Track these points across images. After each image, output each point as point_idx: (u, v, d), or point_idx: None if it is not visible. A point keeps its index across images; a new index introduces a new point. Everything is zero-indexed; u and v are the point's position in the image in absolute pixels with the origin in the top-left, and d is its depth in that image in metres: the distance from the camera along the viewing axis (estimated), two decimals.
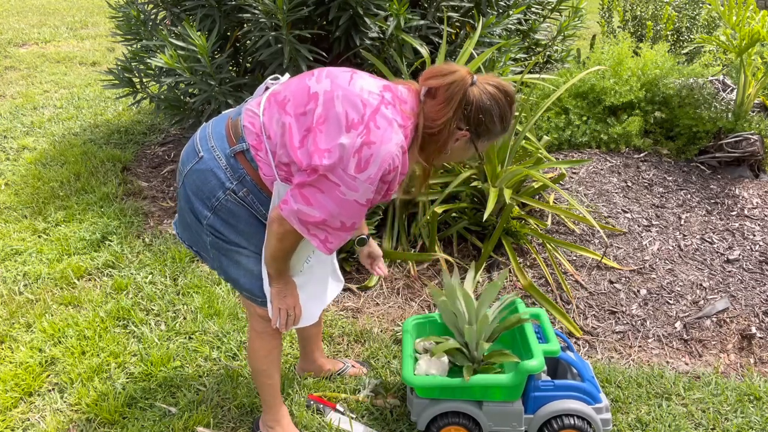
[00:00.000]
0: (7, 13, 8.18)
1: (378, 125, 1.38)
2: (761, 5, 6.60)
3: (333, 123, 1.39)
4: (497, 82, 1.45)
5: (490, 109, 1.43)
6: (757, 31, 3.04)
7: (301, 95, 1.44)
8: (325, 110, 1.40)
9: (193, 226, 1.60)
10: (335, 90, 1.42)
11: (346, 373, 2.14)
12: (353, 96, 1.41)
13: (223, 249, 1.58)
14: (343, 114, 1.38)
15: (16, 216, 3.17)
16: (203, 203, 1.53)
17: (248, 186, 1.51)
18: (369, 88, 1.43)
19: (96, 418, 1.97)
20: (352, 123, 1.38)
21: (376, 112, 1.39)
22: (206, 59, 2.81)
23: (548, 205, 2.85)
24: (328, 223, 1.43)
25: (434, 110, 1.43)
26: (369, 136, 1.37)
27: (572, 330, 2.40)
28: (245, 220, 1.54)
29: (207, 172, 1.51)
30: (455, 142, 1.48)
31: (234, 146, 1.50)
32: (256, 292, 1.62)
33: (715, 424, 2.00)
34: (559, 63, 3.91)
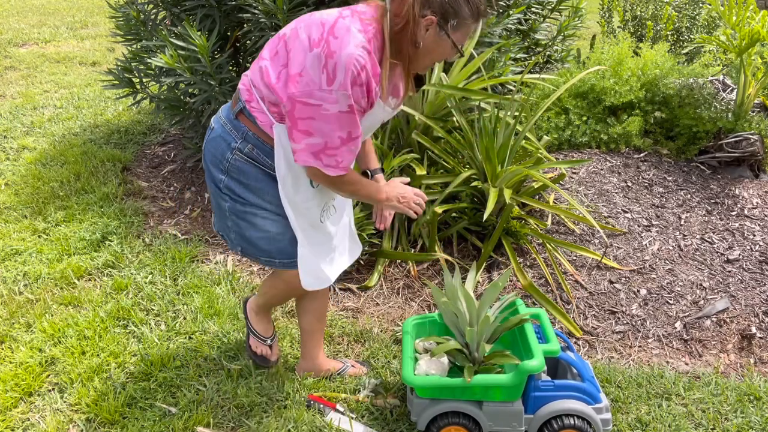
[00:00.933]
0: (7, 13, 8.18)
1: (336, 35, 1.44)
2: (761, 5, 6.60)
3: (299, 49, 1.47)
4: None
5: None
6: (757, 31, 3.04)
7: (272, 42, 1.57)
8: (292, 41, 1.50)
9: (216, 197, 1.71)
10: (298, 24, 1.53)
11: (345, 373, 2.15)
12: (313, 21, 1.50)
13: (240, 212, 1.68)
14: (306, 38, 1.47)
15: (16, 216, 3.17)
16: (218, 168, 1.66)
17: (251, 141, 1.62)
18: (327, 12, 1.52)
19: (96, 418, 1.98)
20: (313, 42, 1.45)
21: (333, 25, 1.46)
22: (206, 59, 2.81)
23: (548, 205, 2.85)
24: (329, 145, 1.50)
25: (396, 5, 1.46)
26: (329, 47, 1.43)
27: (572, 330, 2.40)
28: (254, 176, 1.65)
29: (217, 138, 1.66)
30: (425, 32, 1.48)
31: (234, 108, 1.64)
32: (275, 254, 1.73)
33: (715, 424, 2.00)
34: (559, 63, 3.91)
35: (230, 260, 2.82)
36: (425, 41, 1.50)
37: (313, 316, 2.02)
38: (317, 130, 1.48)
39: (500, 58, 3.11)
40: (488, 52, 2.89)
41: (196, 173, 3.59)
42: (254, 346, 2.09)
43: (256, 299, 2.05)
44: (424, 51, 1.52)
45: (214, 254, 2.87)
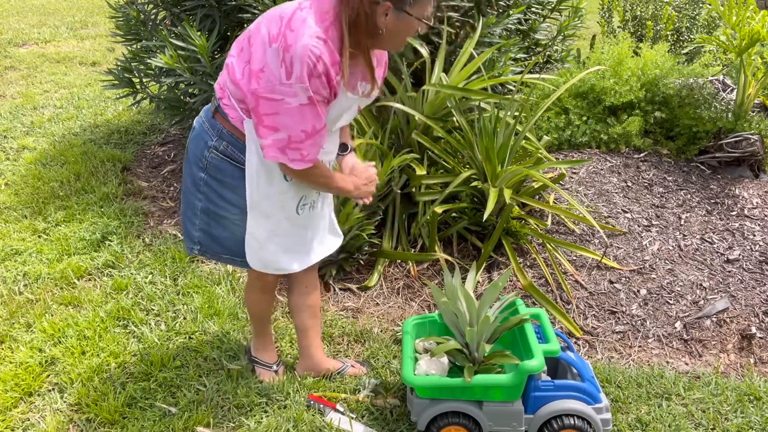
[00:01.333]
0: (7, 13, 8.18)
1: (292, 28, 1.44)
2: (761, 5, 6.60)
3: (259, 45, 1.49)
4: None
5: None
6: (757, 31, 3.04)
7: (239, 39, 1.59)
8: (255, 37, 1.52)
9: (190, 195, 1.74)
10: (261, 19, 1.54)
11: (345, 373, 2.15)
12: (273, 16, 1.50)
13: (213, 212, 1.73)
14: (266, 34, 1.48)
15: (16, 216, 3.17)
16: (197, 166, 1.70)
17: (226, 138, 1.64)
18: (285, 5, 1.52)
19: (96, 418, 1.98)
20: (272, 37, 1.46)
21: (290, 19, 1.46)
22: (206, 59, 2.81)
23: (548, 205, 2.85)
24: (293, 139, 1.51)
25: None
26: (286, 41, 1.43)
27: (572, 330, 2.40)
28: (230, 174, 1.67)
29: (197, 138, 1.70)
30: (385, 17, 1.48)
31: (211, 107, 1.69)
32: (237, 254, 1.78)
33: (715, 424, 2.00)
34: (559, 63, 3.91)
35: None
36: (387, 27, 1.50)
37: (306, 313, 2.02)
38: (282, 124, 1.50)
39: (500, 58, 3.12)
40: (488, 52, 2.89)
41: None
42: (261, 375, 2.12)
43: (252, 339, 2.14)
44: (388, 35, 1.52)
45: None
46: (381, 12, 1.46)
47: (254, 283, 1.95)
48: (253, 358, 2.15)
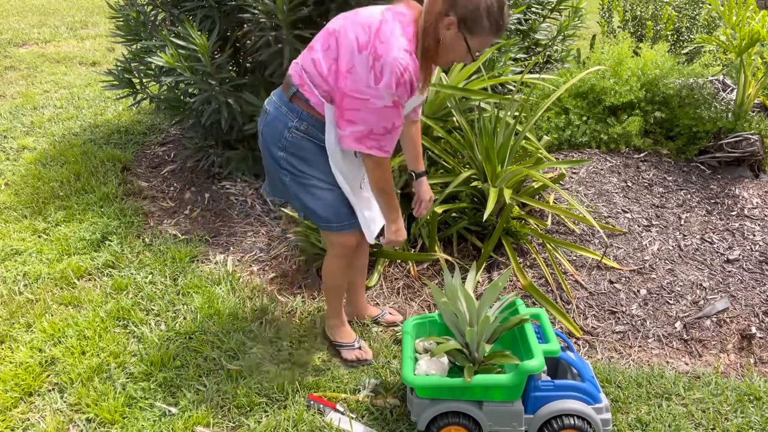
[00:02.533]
0: (7, 13, 8.18)
1: (381, 39, 1.64)
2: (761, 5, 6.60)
3: (348, 49, 1.69)
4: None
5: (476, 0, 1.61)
6: (757, 31, 3.04)
7: (324, 36, 1.77)
8: (342, 38, 1.70)
9: (276, 173, 1.92)
10: (345, 22, 1.73)
11: (383, 319, 2.41)
12: (359, 21, 1.70)
13: (301, 183, 1.90)
14: (354, 39, 1.68)
15: (16, 216, 3.17)
16: (276, 146, 1.87)
17: (306, 119, 1.83)
18: (371, 11, 1.71)
19: (96, 418, 1.98)
20: (361, 45, 1.66)
21: (379, 29, 1.66)
22: (206, 59, 2.81)
23: (548, 205, 2.85)
24: (375, 132, 1.73)
25: (429, 4, 1.65)
26: (376, 51, 1.64)
27: (572, 330, 2.40)
28: (310, 150, 1.86)
29: (274, 120, 1.87)
30: (447, 30, 1.65)
31: (287, 92, 1.85)
32: (332, 220, 1.94)
33: (715, 424, 2.00)
34: (559, 63, 3.91)
35: (230, 260, 2.82)
36: (445, 38, 1.67)
37: (357, 271, 2.29)
38: (362, 120, 1.71)
39: (500, 58, 3.12)
40: (488, 52, 2.89)
41: (196, 173, 3.59)
42: (346, 355, 2.22)
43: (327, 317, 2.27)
44: (443, 48, 1.70)
45: (214, 254, 2.87)
46: (445, 24, 1.65)
47: (339, 253, 2.05)
48: (334, 342, 2.25)
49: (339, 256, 2.08)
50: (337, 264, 2.10)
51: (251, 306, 2.51)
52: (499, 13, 1.64)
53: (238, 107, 3.00)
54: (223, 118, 3.07)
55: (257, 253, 2.88)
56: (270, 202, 3.23)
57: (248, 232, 3.04)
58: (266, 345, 2.29)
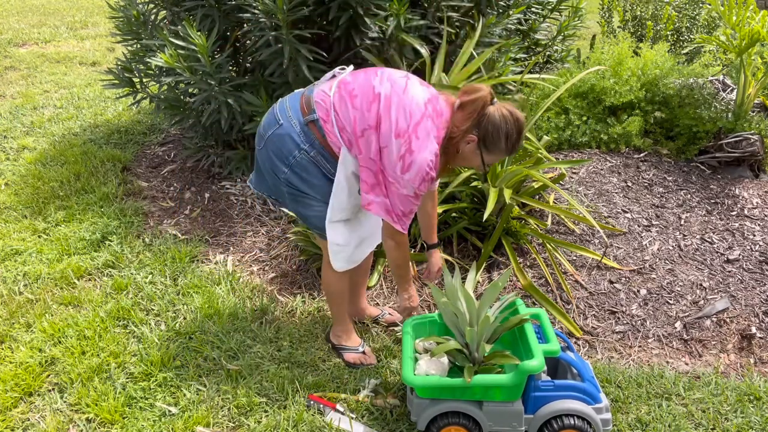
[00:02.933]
0: (7, 13, 8.18)
1: (418, 136, 1.75)
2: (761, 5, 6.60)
3: (387, 128, 1.76)
4: (512, 108, 1.79)
5: (498, 124, 1.76)
6: (757, 31, 3.04)
7: (366, 93, 1.80)
8: (384, 113, 1.76)
9: (272, 179, 1.96)
10: (393, 96, 1.77)
11: (383, 319, 2.42)
12: (405, 105, 1.76)
13: (298, 197, 1.95)
14: (395, 121, 1.75)
15: (16, 216, 3.17)
16: (282, 161, 1.89)
17: (317, 149, 1.87)
18: (417, 99, 1.78)
19: (96, 418, 1.98)
20: (399, 131, 1.75)
21: (419, 124, 1.75)
22: (206, 59, 2.81)
23: (548, 205, 2.85)
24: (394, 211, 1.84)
25: (459, 119, 1.79)
26: (411, 145, 1.74)
27: (572, 330, 2.40)
28: (315, 175, 1.90)
29: (285, 136, 1.87)
30: (466, 145, 1.80)
31: (307, 116, 1.86)
32: (321, 229, 1.98)
33: (715, 424, 2.00)
34: (559, 63, 3.91)
35: (230, 260, 2.82)
36: (464, 150, 1.83)
37: (360, 270, 2.30)
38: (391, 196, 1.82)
39: (500, 58, 3.12)
40: (488, 52, 2.89)
41: (196, 173, 3.59)
42: (349, 358, 2.23)
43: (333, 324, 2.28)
44: (460, 157, 1.86)
45: (214, 254, 2.87)
46: (467, 139, 1.79)
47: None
48: (337, 346, 2.26)
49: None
50: (331, 273, 2.10)
51: (251, 306, 2.51)
52: (516, 138, 1.79)
53: (237, 107, 3.00)
54: (223, 117, 3.07)
55: (257, 253, 2.88)
56: (270, 203, 3.23)
57: (248, 232, 3.04)
58: (266, 345, 2.29)
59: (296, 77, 2.91)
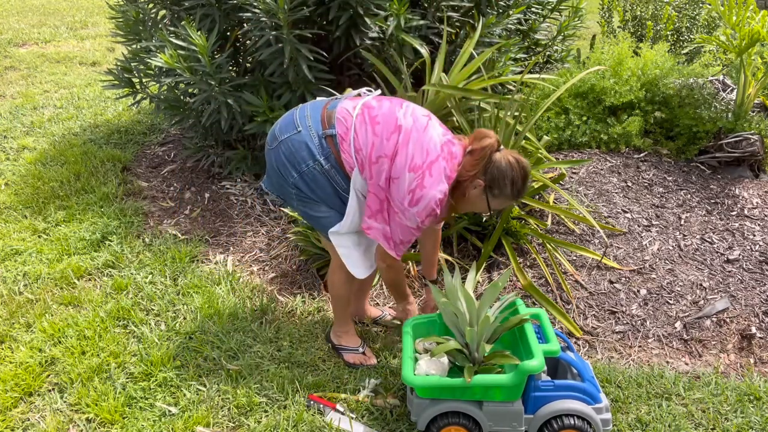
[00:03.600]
0: (7, 13, 8.18)
1: (432, 174, 1.80)
2: (761, 5, 6.60)
3: (402, 160, 1.81)
4: (518, 156, 1.86)
5: (504, 170, 1.83)
6: (757, 31, 3.04)
7: (389, 123, 1.85)
8: (402, 146, 1.82)
9: (279, 180, 1.98)
10: (413, 132, 1.83)
11: (383, 320, 2.44)
12: (423, 143, 1.82)
13: (305, 200, 1.97)
14: (411, 155, 1.81)
15: (16, 216, 3.17)
16: (293, 166, 1.91)
17: (332, 163, 1.90)
18: (435, 140, 1.84)
19: (96, 418, 1.98)
20: (414, 166, 1.80)
21: (434, 162, 1.81)
22: (206, 59, 2.81)
23: (548, 205, 2.85)
24: (393, 239, 1.90)
25: (469, 164, 1.86)
26: (423, 180, 1.80)
27: (572, 330, 2.40)
28: (323, 188, 1.93)
29: (302, 143, 1.90)
30: (473, 189, 1.87)
31: (326, 130, 1.89)
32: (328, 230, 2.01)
33: (715, 424, 2.00)
34: (559, 63, 3.91)
35: (230, 260, 2.82)
36: (470, 195, 1.89)
37: None
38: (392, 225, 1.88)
39: (500, 58, 3.12)
40: (488, 52, 2.89)
41: (196, 173, 3.59)
42: (349, 358, 2.24)
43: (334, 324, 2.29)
44: (466, 201, 1.91)
45: (214, 254, 2.87)
46: (474, 184, 1.86)
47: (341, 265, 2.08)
48: (337, 346, 2.26)
49: (341, 268, 2.09)
50: (339, 275, 2.12)
51: (251, 306, 2.51)
52: (521, 184, 1.87)
53: (237, 107, 3.00)
54: (223, 117, 3.07)
55: (257, 253, 2.88)
56: (270, 202, 3.23)
57: (248, 232, 3.04)
58: (266, 345, 2.29)
59: (296, 77, 2.91)
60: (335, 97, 2.02)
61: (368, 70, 3.21)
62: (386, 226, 1.89)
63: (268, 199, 3.25)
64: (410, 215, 1.83)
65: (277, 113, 2.95)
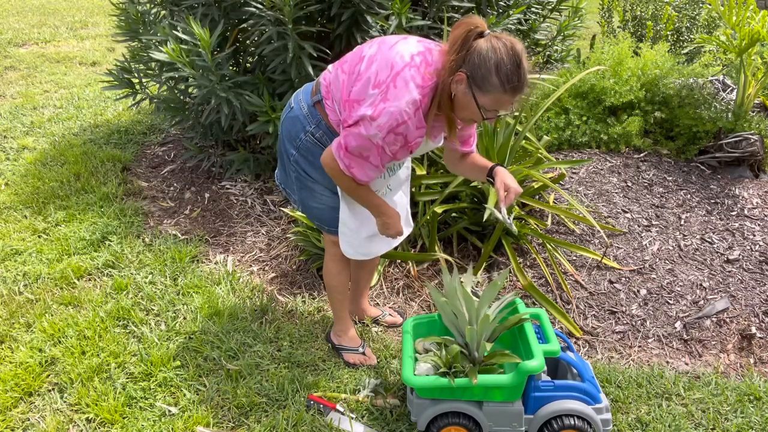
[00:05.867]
0: (7, 13, 8.18)
1: (396, 85, 1.60)
2: (761, 5, 6.60)
3: (365, 81, 1.66)
4: (508, 38, 1.55)
5: (486, 55, 1.53)
6: (757, 31, 3.04)
7: (354, 56, 1.74)
8: (365, 70, 1.67)
9: (285, 164, 1.97)
10: (377, 54, 1.67)
11: (383, 320, 2.42)
12: (388, 59, 1.64)
13: (304, 183, 1.94)
14: (375, 73, 1.64)
15: (16, 216, 3.17)
16: (291, 143, 1.91)
17: (323, 129, 1.85)
18: (403, 52, 1.64)
19: (96, 418, 1.98)
20: (378, 82, 1.63)
21: (399, 74, 1.61)
22: (208, 54, 2.80)
23: (548, 205, 2.85)
24: (350, 151, 1.69)
25: (447, 60, 1.58)
26: (387, 94, 1.61)
27: (572, 330, 2.40)
28: (319, 157, 1.84)
29: (294, 119, 1.88)
30: (458, 85, 1.58)
31: (314, 97, 1.85)
32: (326, 222, 2.01)
33: (715, 424, 2.00)
34: (559, 63, 3.91)
35: (230, 260, 2.82)
36: (457, 94, 1.61)
37: (365, 270, 2.30)
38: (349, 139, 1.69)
39: None
40: None
41: (196, 173, 3.59)
42: (349, 359, 2.23)
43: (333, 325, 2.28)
44: (457, 104, 1.64)
45: (214, 254, 2.87)
46: (456, 79, 1.58)
47: (334, 253, 2.08)
48: (337, 346, 2.26)
49: (334, 259, 2.11)
50: (332, 266, 2.14)
51: (251, 306, 2.51)
52: (512, 69, 1.53)
53: (238, 104, 3.00)
54: (223, 114, 3.06)
55: (257, 253, 2.88)
56: (270, 202, 3.23)
57: (248, 232, 3.04)
58: (266, 345, 2.29)
59: (299, 74, 2.91)
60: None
61: None
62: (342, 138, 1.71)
63: (268, 199, 3.25)
64: (371, 128, 1.61)
65: (279, 113, 2.95)
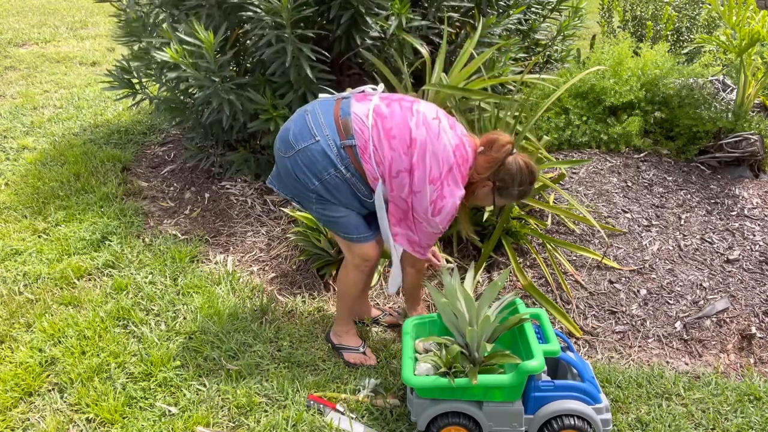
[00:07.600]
0: (7, 13, 8.18)
1: (449, 183, 1.89)
2: (761, 5, 6.60)
3: (421, 174, 1.87)
4: (528, 160, 1.94)
5: (514, 175, 1.92)
6: (757, 31, 3.04)
7: (403, 136, 1.88)
8: (419, 161, 1.87)
9: (299, 186, 1.99)
10: (428, 144, 1.87)
11: (383, 320, 2.44)
12: (438, 153, 1.87)
13: (324, 204, 2.00)
14: (429, 168, 1.87)
15: (16, 216, 3.17)
16: (314, 174, 1.93)
17: (352, 171, 1.94)
18: (448, 147, 1.88)
19: (96, 418, 1.98)
20: (433, 178, 1.87)
21: (450, 172, 1.89)
22: (210, 55, 2.80)
23: (548, 205, 2.85)
24: (423, 246, 2.02)
25: (481, 167, 1.94)
26: (443, 191, 1.89)
27: (572, 330, 2.40)
28: (345, 194, 1.96)
29: (321, 152, 1.91)
30: (482, 188, 1.98)
31: (345, 140, 1.91)
32: (352, 232, 2.04)
33: (715, 424, 2.00)
34: (559, 63, 3.91)
35: (230, 260, 2.82)
36: (479, 192, 2.00)
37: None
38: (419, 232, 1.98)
39: (500, 58, 3.11)
40: (488, 52, 2.89)
41: (196, 173, 3.59)
42: (349, 358, 2.24)
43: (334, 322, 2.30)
44: (474, 197, 2.02)
45: (214, 254, 2.87)
46: (483, 184, 1.96)
47: (359, 264, 2.11)
48: (337, 346, 2.27)
49: (357, 268, 2.11)
50: (354, 275, 2.14)
51: (251, 306, 2.51)
52: (527, 188, 1.97)
53: (239, 105, 3.00)
54: (224, 114, 3.06)
55: (257, 253, 2.88)
56: (270, 202, 3.23)
57: (248, 232, 3.04)
58: (266, 345, 2.29)
59: (298, 77, 2.91)
60: (341, 95, 2.00)
61: (369, 70, 3.21)
62: (411, 232, 1.99)
63: (268, 199, 3.25)
64: (434, 224, 1.92)
65: (280, 112, 2.95)
